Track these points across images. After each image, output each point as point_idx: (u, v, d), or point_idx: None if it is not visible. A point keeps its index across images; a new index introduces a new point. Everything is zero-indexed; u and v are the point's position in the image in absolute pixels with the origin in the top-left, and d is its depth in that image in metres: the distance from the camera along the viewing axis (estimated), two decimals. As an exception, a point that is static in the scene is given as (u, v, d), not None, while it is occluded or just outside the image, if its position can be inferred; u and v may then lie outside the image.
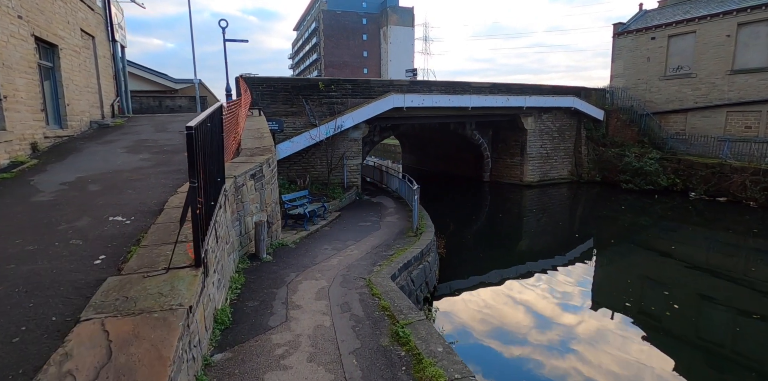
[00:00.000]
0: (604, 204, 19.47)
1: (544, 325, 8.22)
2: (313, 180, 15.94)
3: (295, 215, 10.32)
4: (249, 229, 7.26)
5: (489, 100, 19.11)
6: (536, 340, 7.61)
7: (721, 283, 10.48)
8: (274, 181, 8.56)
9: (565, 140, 23.38)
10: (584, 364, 6.81)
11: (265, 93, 15.16)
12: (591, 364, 6.85)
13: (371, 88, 16.87)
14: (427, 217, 12.09)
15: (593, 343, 7.52)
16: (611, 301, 9.52)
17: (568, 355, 7.12)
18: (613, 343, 7.51)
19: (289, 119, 15.61)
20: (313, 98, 15.88)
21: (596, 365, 6.82)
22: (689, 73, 21.52)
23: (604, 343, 7.51)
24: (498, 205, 20.04)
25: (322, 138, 15.17)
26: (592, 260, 12.49)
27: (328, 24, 77.97)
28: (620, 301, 9.32)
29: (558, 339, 7.66)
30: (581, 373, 6.58)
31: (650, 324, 8.23)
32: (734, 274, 11.11)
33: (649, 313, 8.70)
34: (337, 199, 14.03)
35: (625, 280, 10.70)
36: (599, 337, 7.76)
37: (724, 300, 9.43)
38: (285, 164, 15.69)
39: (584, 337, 7.78)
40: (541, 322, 8.33)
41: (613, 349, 7.29)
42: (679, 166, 20.40)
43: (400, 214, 13.56)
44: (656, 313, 8.70)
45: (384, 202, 16.00)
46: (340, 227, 11.16)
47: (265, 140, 9.32)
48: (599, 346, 7.39)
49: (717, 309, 9.11)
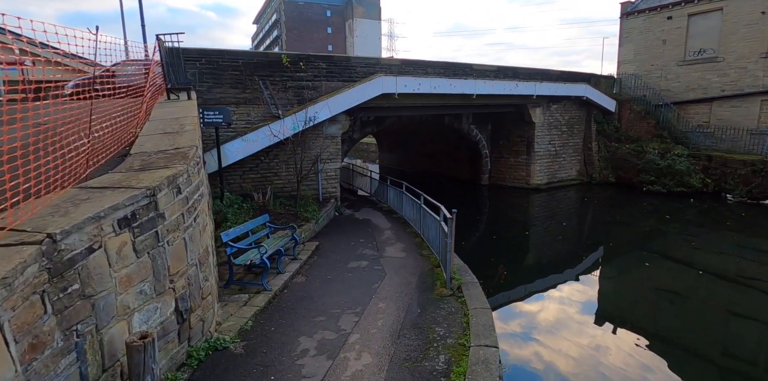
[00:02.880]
0: (628, 210, 16.23)
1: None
2: (277, 193, 11.68)
3: (247, 264, 6.10)
4: (112, 356, 3.04)
5: (496, 87, 15.42)
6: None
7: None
8: (197, 217, 4.36)
9: (573, 135, 20.13)
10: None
11: (205, 72, 10.74)
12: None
13: (352, 69, 12.75)
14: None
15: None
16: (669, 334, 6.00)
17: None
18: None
19: (240, 109, 11.26)
20: (275, 80, 11.60)
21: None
22: (714, 56, 18.71)
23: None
24: (502, 214, 16.38)
25: (287, 135, 10.95)
26: (644, 287, 9.01)
27: (290, 16, 73.10)
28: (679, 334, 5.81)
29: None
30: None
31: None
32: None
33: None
34: (311, 221, 9.86)
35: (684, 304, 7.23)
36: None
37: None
38: (236, 172, 11.34)
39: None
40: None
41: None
42: (709, 163, 17.52)
43: (403, 239, 9.57)
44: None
45: (373, 218, 11.98)
46: (321, 276, 7.03)
47: (182, 138, 5.09)
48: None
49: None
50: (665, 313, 8.05)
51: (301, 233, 9.07)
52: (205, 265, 4.43)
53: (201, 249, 4.31)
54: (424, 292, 6.21)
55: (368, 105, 13.05)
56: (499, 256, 10.97)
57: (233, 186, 11.31)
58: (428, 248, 8.66)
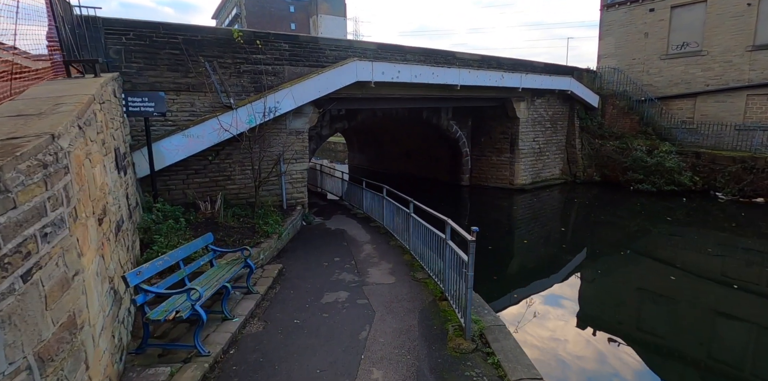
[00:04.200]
0: (619, 211, 15.10)
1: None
2: (231, 200, 9.58)
3: (171, 318, 4.04)
4: None
5: (481, 77, 13.87)
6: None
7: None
8: (35, 273, 2.34)
9: (557, 132, 18.99)
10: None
11: (135, 49, 8.50)
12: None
13: (320, 52, 10.80)
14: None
15: None
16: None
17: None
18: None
19: (182, 97, 9.07)
20: (226, 63, 9.48)
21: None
22: (698, 50, 18.02)
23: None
24: (486, 217, 14.84)
25: (242, 129, 8.89)
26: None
27: (251, 10, 69.83)
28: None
29: None
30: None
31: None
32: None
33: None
34: (273, 236, 7.84)
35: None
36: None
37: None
38: (178, 175, 9.16)
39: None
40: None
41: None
42: (698, 161, 16.76)
43: (388, 256, 7.77)
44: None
45: (348, 229, 10.14)
46: (286, 319, 5.08)
47: (40, 123, 2.98)
48: None
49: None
50: (662, 317, 6.97)
51: (259, 253, 7.07)
52: (63, 355, 2.42)
53: (47, 332, 2.30)
54: (433, 344, 4.40)
55: (340, 95, 11.14)
56: (490, 267, 9.33)
57: (175, 193, 9.12)
58: (422, 268, 6.88)
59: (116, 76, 7.05)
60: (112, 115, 5.80)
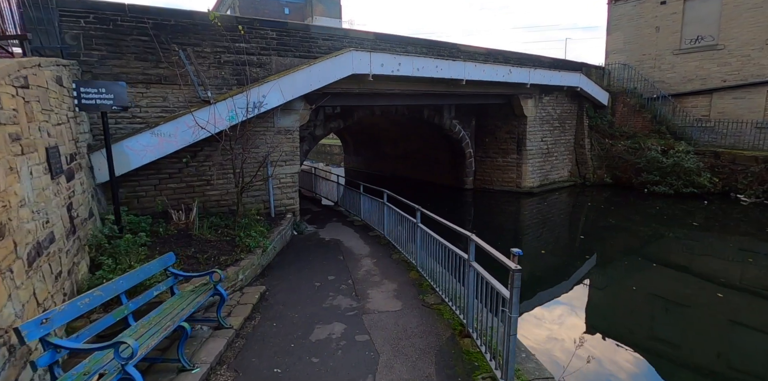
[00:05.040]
0: (637, 216, 13.99)
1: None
2: (211, 208, 8.42)
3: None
4: None
5: (488, 72, 12.79)
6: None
7: None
8: None
9: (565, 132, 17.94)
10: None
11: (96, 35, 7.34)
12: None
13: (312, 41, 9.68)
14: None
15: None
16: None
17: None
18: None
19: (152, 90, 7.91)
20: (204, 52, 8.34)
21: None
22: (713, 44, 17.04)
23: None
24: (493, 223, 13.72)
25: (222, 127, 7.74)
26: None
27: (245, 12, 68.67)
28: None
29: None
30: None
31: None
32: None
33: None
34: (256, 251, 6.67)
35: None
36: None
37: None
38: (148, 180, 7.99)
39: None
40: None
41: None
42: (716, 161, 15.74)
43: (391, 273, 6.62)
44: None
45: (344, 239, 9.01)
46: (264, 369, 3.91)
47: None
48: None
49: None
50: (695, 330, 5.61)
51: (238, 273, 5.90)
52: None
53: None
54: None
55: (334, 90, 10.02)
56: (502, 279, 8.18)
57: (145, 201, 7.94)
58: (433, 290, 5.74)
59: (61, 61, 5.88)
60: (47, 107, 4.64)
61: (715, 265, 9.70)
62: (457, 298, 4.96)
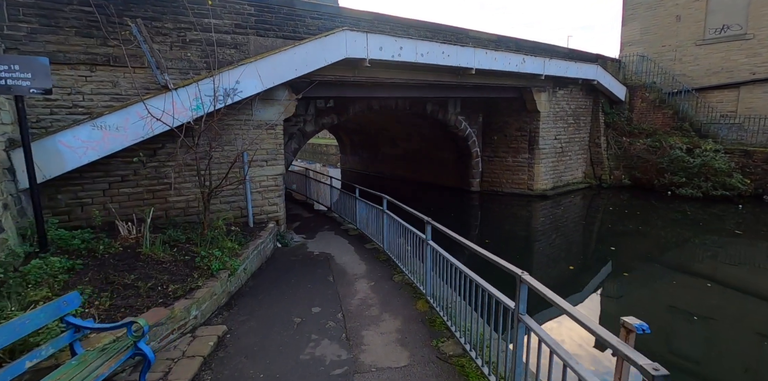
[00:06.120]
0: (667, 222, 12.55)
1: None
2: (175, 217, 6.96)
3: None
4: None
5: (500, 60, 11.36)
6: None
7: None
8: None
9: (579, 129, 16.52)
10: None
11: (24, 4, 5.87)
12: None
13: (299, 19, 8.22)
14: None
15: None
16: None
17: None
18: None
19: (98, 74, 6.45)
20: (165, 28, 6.87)
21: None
22: (741, 33, 15.65)
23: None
24: (505, 230, 12.23)
25: (184, 118, 6.29)
26: None
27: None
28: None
29: None
30: None
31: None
32: None
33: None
34: (220, 275, 5.19)
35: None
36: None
37: None
38: (94, 185, 6.51)
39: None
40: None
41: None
42: (748, 160, 14.34)
43: (392, 303, 5.17)
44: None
45: (336, 253, 7.56)
46: None
47: None
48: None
49: None
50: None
51: (191, 309, 4.43)
52: None
53: None
54: None
55: (325, 77, 8.57)
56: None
57: (90, 209, 6.45)
58: (449, 331, 4.29)
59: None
60: None
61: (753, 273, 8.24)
62: (486, 349, 3.53)
